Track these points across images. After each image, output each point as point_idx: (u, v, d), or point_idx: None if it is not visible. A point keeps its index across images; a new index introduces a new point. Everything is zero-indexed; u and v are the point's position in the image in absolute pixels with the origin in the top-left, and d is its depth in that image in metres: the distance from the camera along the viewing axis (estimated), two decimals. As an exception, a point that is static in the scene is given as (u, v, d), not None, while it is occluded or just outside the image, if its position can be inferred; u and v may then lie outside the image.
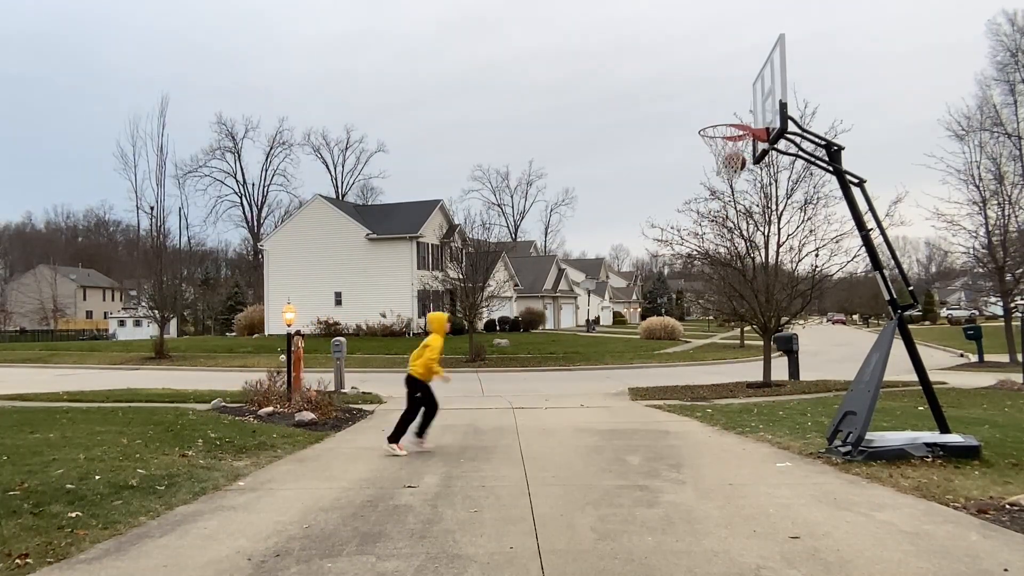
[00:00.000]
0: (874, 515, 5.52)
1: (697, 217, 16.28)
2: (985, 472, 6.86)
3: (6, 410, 12.10)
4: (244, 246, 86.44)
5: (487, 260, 28.95)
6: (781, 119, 8.02)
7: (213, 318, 65.31)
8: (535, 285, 59.15)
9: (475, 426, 10.80)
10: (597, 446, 8.98)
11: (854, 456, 7.41)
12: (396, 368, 25.46)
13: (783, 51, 7.97)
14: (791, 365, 18.23)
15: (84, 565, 4.58)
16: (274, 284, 42.26)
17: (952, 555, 4.58)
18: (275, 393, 12.34)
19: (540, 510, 5.83)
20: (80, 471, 6.84)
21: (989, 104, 23.92)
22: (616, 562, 4.55)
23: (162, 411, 11.73)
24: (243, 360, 27.73)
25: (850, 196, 8.35)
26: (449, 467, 7.70)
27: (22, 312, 74.20)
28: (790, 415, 10.99)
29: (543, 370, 25.02)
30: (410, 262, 40.48)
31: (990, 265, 23.30)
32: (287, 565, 4.57)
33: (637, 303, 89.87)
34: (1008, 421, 10.05)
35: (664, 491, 6.45)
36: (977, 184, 23.01)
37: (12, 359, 31.00)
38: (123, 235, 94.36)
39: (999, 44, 25.01)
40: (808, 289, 15.98)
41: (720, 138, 9.32)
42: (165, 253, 32.67)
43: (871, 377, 7.73)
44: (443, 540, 5.04)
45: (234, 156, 79.67)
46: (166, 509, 5.92)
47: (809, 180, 15.34)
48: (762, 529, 5.20)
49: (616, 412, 12.66)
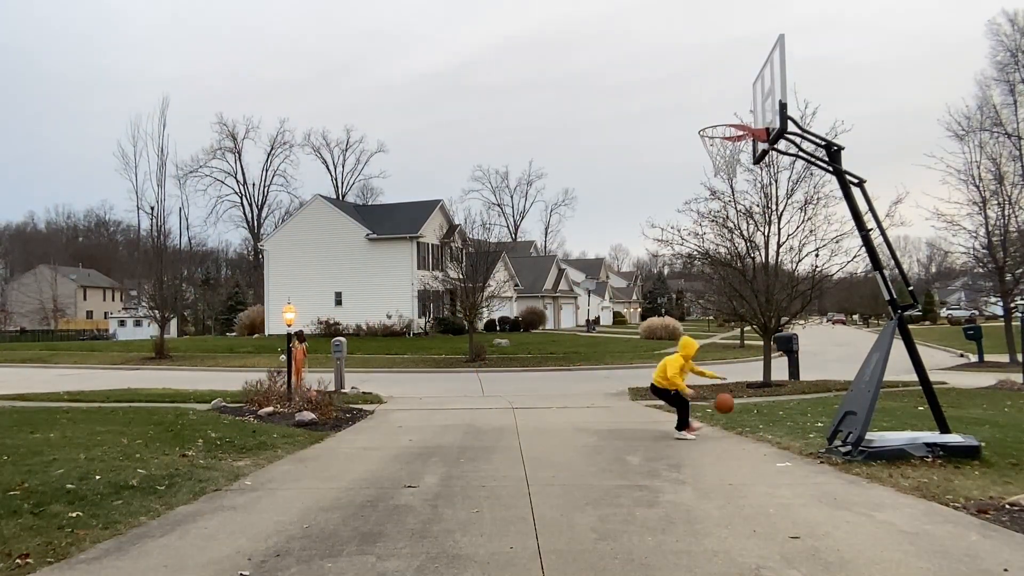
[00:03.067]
0: (874, 515, 5.52)
1: (697, 217, 16.32)
2: (985, 472, 6.86)
3: (6, 410, 12.11)
4: (244, 246, 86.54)
5: (487, 260, 28.95)
6: (781, 119, 8.03)
7: (213, 318, 65.29)
8: (535, 285, 59.15)
9: (475, 426, 10.80)
10: (597, 446, 8.98)
11: (854, 456, 7.41)
12: (396, 368, 25.46)
13: (783, 51, 7.98)
14: (791, 365, 18.21)
15: (84, 565, 4.58)
16: (274, 284, 42.27)
17: (952, 555, 4.58)
18: (275, 393, 12.35)
19: (540, 510, 5.83)
20: (80, 471, 6.84)
21: (989, 104, 23.91)
22: (616, 562, 4.55)
23: (162, 411, 11.73)
24: (243, 360, 27.73)
25: (850, 196, 8.36)
26: (449, 467, 7.70)
27: (22, 312, 74.20)
28: (790, 415, 10.99)
29: (543, 370, 25.02)
30: (410, 262, 40.48)
31: (990, 265, 23.30)
32: (287, 565, 4.57)
33: (637, 303, 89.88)
34: (1008, 421, 10.05)
35: (664, 491, 6.45)
36: (977, 184, 23.01)
37: (12, 359, 31.00)
38: (123, 235, 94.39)
39: (999, 44, 24.98)
40: (808, 289, 15.99)
41: (720, 138, 9.33)
42: (165, 253, 32.64)
43: (871, 377, 7.73)
44: (443, 540, 5.04)
45: (234, 156, 79.80)
46: (166, 509, 5.93)
47: (809, 180, 15.37)
48: (762, 529, 5.21)
49: (616, 412, 12.67)
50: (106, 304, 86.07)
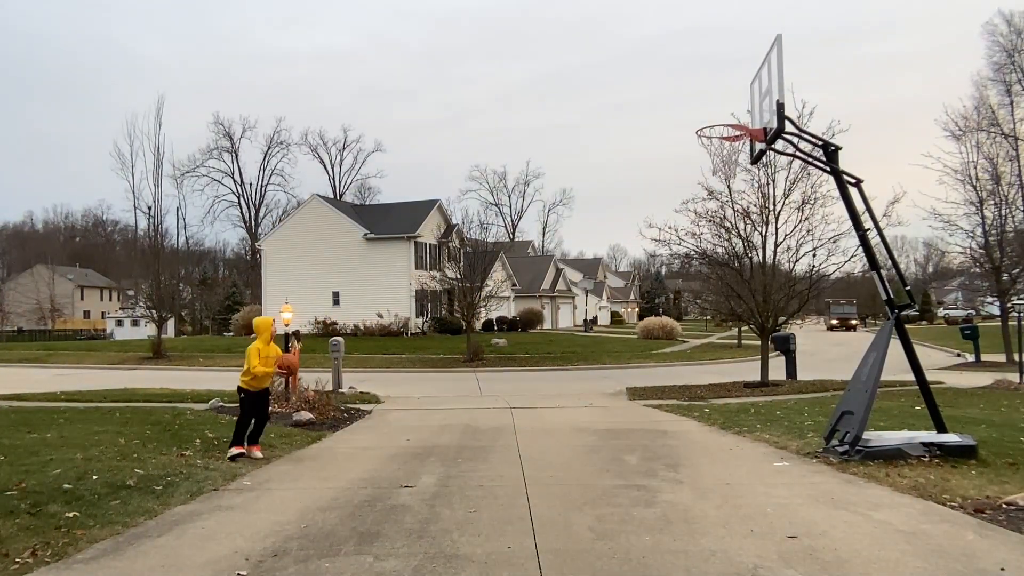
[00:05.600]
0: (871, 514, 5.53)
1: (695, 217, 16.32)
2: (982, 471, 6.87)
3: (3, 410, 12.09)
4: (242, 246, 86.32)
5: (485, 260, 28.91)
6: (778, 119, 8.04)
7: (211, 318, 65.20)
8: (533, 285, 59.12)
9: (473, 426, 10.80)
10: (595, 446, 8.98)
11: (851, 456, 7.43)
12: (394, 368, 25.46)
13: (780, 52, 7.99)
14: (788, 365, 18.24)
15: (82, 565, 4.58)
16: (272, 284, 42.20)
17: (949, 554, 4.59)
18: (273, 393, 12.32)
19: (538, 510, 5.83)
20: (78, 471, 6.83)
21: (986, 105, 23.94)
22: (614, 562, 4.56)
23: (160, 411, 11.72)
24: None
25: (847, 196, 8.38)
26: (447, 467, 7.70)
27: (19, 312, 73.99)
28: (787, 415, 11.00)
29: (541, 370, 25.02)
30: (408, 262, 40.45)
31: (987, 265, 23.35)
32: (285, 565, 4.56)
33: (635, 303, 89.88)
34: (1005, 420, 10.08)
35: (662, 491, 6.46)
36: (974, 184, 23.06)
37: (10, 359, 30.94)
38: (121, 235, 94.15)
39: (995, 45, 25.00)
40: (805, 289, 16.01)
41: (718, 138, 9.35)
42: (163, 253, 32.59)
43: (868, 377, 7.75)
44: (441, 540, 5.05)
45: (232, 156, 79.64)
46: (164, 509, 5.92)
47: (806, 180, 15.36)
48: (759, 528, 5.21)
49: (614, 412, 12.67)
50: (103, 304, 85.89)
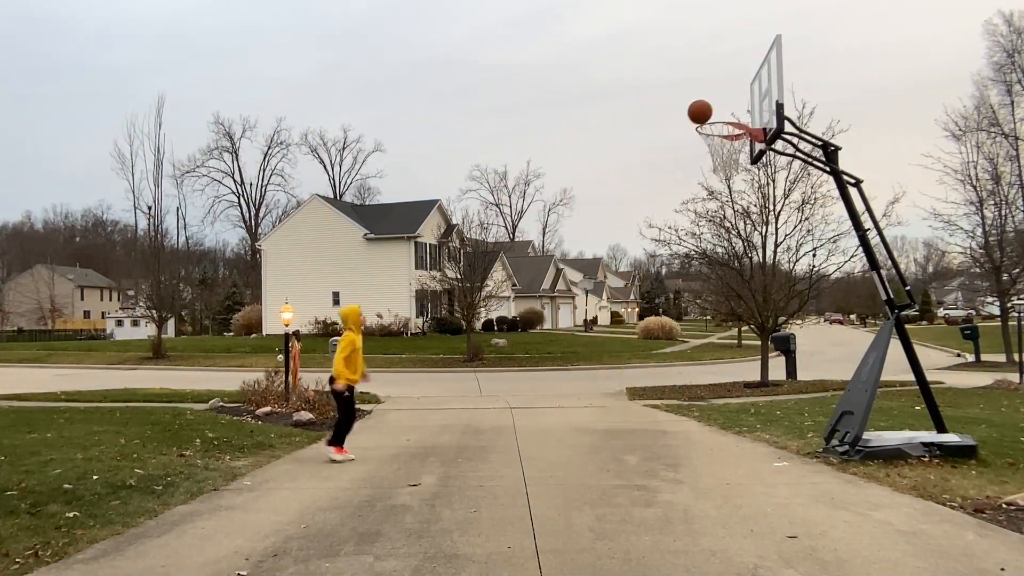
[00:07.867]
0: (871, 514, 5.53)
1: (695, 217, 16.32)
2: (982, 471, 6.87)
3: (3, 410, 12.09)
4: (242, 246, 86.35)
5: (485, 260, 28.92)
6: (778, 120, 8.04)
7: (211, 318, 65.18)
8: (533, 285, 59.13)
9: (473, 426, 10.79)
10: (595, 446, 8.98)
11: (851, 455, 7.43)
12: (394, 368, 25.46)
13: (780, 52, 7.99)
14: (789, 365, 18.25)
15: (82, 565, 4.58)
16: (272, 284, 42.21)
17: (949, 554, 4.59)
18: (273, 393, 12.34)
19: (538, 510, 5.83)
20: (78, 471, 6.83)
21: (986, 104, 23.95)
22: (614, 562, 4.56)
23: (160, 411, 11.72)
24: (241, 360, 27.70)
25: (847, 196, 8.37)
26: (447, 467, 7.70)
27: (20, 312, 74.04)
28: (787, 415, 11.00)
29: (541, 370, 25.03)
30: (408, 262, 40.46)
31: (987, 265, 23.36)
32: (285, 565, 4.56)
33: (635, 303, 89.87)
34: (1005, 420, 10.08)
35: (662, 491, 6.45)
36: (974, 184, 23.07)
37: (10, 359, 30.94)
38: (121, 235, 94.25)
39: (996, 44, 25.00)
40: (805, 289, 16.01)
41: (718, 136, 9.34)
42: (163, 253, 32.65)
43: (868, 376, 7.74)
44: (441, 540, 5.04)
45: (232, 156, 79.68)
46: (164, 509, 5.92)
47: (806, 180, 15.37)
48: (759, 528, 5.21)
49: (614, 412, 12.67)
50: (103, 304, 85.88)
